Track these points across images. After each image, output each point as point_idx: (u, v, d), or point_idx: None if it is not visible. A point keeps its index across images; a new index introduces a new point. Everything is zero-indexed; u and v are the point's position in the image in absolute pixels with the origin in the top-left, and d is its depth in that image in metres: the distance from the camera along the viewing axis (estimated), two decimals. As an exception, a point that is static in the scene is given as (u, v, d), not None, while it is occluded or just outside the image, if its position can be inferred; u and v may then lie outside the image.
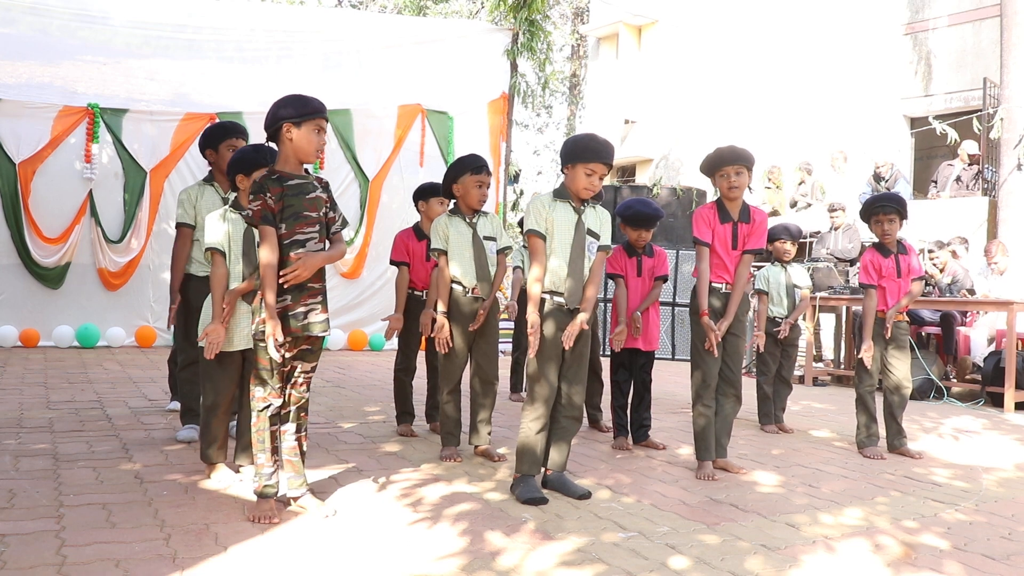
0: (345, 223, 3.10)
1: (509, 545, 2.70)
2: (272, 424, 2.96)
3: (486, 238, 4.07)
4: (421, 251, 4.58)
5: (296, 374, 2.99)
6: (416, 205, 4.78)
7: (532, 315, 3.29)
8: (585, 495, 3.33)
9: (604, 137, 3.44)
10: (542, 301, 3.32)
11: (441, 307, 3.95)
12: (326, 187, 3.03)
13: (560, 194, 3.40)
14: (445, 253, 4.01)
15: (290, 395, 2.99)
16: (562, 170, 3.43)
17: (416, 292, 4.63)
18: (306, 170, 3.02)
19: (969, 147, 10.68)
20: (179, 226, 4.13)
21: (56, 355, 8.00)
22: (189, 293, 4.10)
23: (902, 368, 4.71)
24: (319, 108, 2.92)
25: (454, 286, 3.99)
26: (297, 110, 2.88)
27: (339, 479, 3.49)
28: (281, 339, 2.80)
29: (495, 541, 2.74)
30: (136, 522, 2.75)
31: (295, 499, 3.02)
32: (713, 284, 3.93)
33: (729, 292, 3.94)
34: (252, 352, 2.98)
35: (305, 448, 3.05)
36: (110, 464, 3.57)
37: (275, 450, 2.96)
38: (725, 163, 3.88)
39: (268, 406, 2.93)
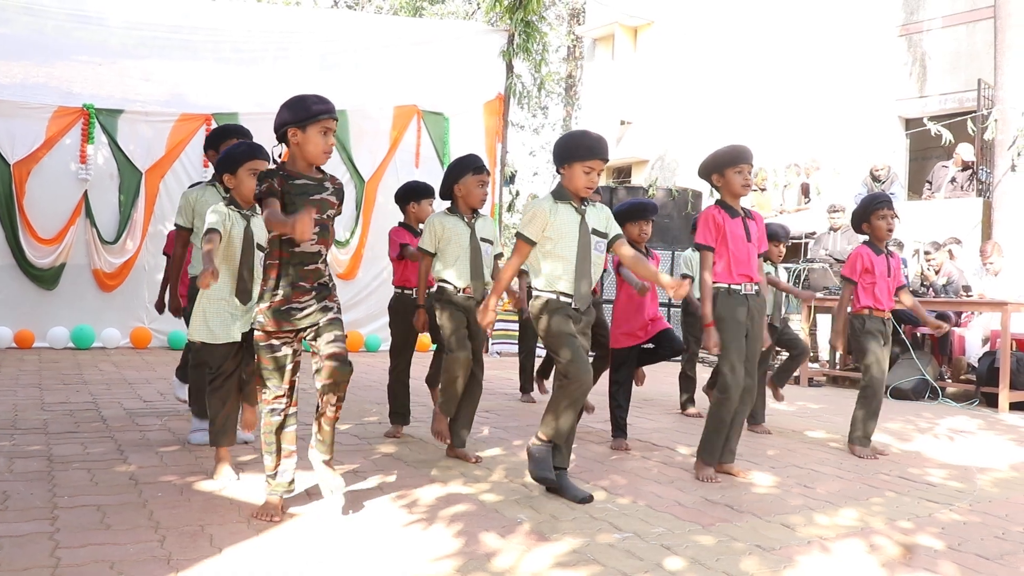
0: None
1: (504, 546, 2.70)
2: (284, 426, 2.92)
3: (483, 240, 4.06)
4: None
5: (321, 348, 2.88)
6: (406, 206, 4.75)
7: (491, 306, 3.40)
8: (586, 499, 3.29)
9: (596, 132, 3.44)
10: (551, 300, 3.32)
11: (419, 301, 4.12)
12: (338, 191, 2.99)
13: (560, 195, 3.36)
14: (431, 255, 4.00)
15: (326, 366, 2.85)
16: (558, 170, 3.40)
17: (407, 290, 4.61)
18: (320, 170, 2.99)
19: (964, 152, 10.68)
20: (176, 227, 4.16)
21: (51, 356, 7.99)
22: (189, 294, 4.13)
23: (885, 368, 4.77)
24: (324, 109, 2.87)
25: (445, 285, 3.98)
26: (301, 113, 2.86)
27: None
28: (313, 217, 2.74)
29: (490, 542, 2.74)
30: (131, 524, 2.74)
31: (325, 461, 2.98)
32: (733, 287, 3.82)
33: (750, 293, 3.85)
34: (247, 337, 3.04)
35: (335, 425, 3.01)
36: (105, 466, 3.57)
37: (284, 451, 2.94)
38: (743, 160, 3.83)
39: (274, 409, 2.91)
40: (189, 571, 2.35)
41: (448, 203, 4.16)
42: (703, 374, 6.67)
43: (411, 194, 4.73)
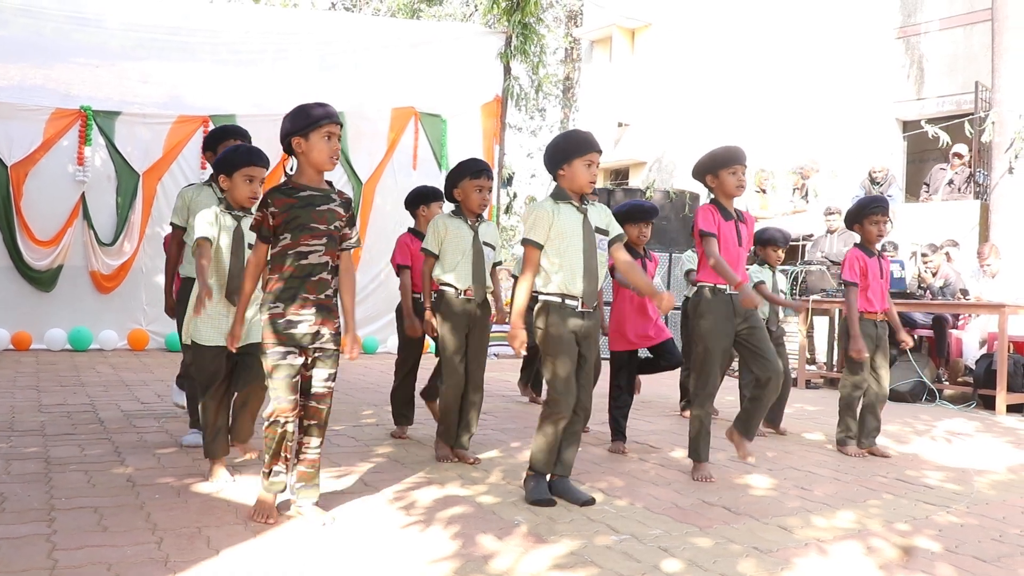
0: (358, 243, 3.08)
1: (502, 548, 2.70)
2: (286, 436, 2.89)
3: (485, 244, 4.06)
4: None
5: (314, 383, 2.91)
6: (415, 210, 4.75)
7: (519, 326, 3.27)
8: (589, 501, 3.29)
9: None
10: (554, 304, 3.28)
11: (425, 304, 4.08)
12: (346, 203, 2.99)
13: (560, 196, 3.35)
14: (434, 256, 4.00)
15: (309, 407, 2.90)
16: (556, 174, 3.37)
17: (415, 294, 4.62)
18: (329, 183, 3.00)
19: (959, 148, 10.73)
20: (172, 226, 4.19)
21: (48, 358, 7.97)
22: (185, 295, 4.13)
23: (886, 373, 4.79)
24: (323, 115, 2.89)
25: (446, 288, 3.98)
26: (302, 121, 2.88)
27: (332, 483, 3.48)
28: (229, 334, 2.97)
29: (488, 544, 2.74)
30: (128, 526, 2.74)
31: (315, 503, 2.98)
32: (718, 287, 3.85)
33: (735, 294, 3.83)
34: (243, 352, 3.01)
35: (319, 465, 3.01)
36: (102, 468, 3.56)
37: (282, 455, 2.91)
38: (737, 161, 3.86)
39: (277, 421, 2.85)
40: (186, 573, 2.35)
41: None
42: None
43: (420, 198, 4.74)
